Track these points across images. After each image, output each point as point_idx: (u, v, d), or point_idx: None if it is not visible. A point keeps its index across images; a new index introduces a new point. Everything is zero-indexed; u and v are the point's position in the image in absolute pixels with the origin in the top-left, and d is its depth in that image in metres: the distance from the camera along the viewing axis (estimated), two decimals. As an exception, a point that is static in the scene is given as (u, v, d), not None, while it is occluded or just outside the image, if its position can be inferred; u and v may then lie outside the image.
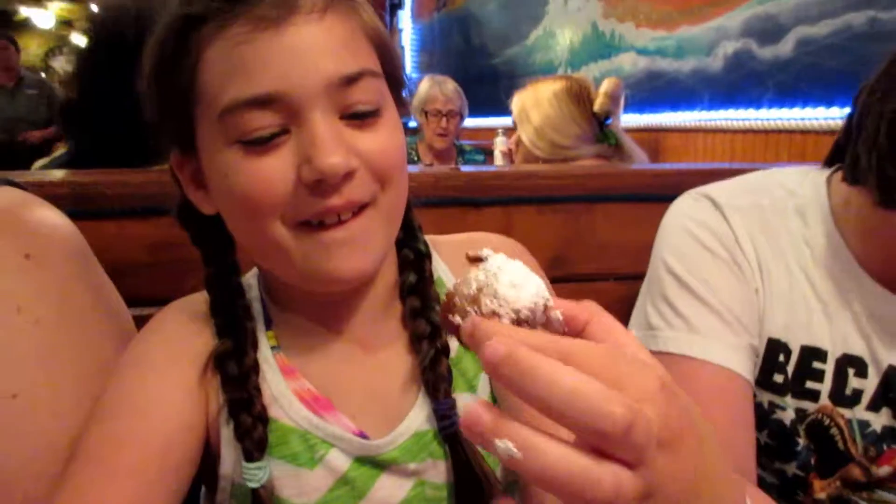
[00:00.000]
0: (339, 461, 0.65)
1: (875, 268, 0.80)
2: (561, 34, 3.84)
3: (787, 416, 0.83)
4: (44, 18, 11.86)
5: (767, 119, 2.31)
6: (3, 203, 0.68)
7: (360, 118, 0.59)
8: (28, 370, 0.62)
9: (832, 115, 2.03)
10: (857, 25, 1.90)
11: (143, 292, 0.88)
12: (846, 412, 0.81)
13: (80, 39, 1.33)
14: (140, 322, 0.73)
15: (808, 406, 0.82)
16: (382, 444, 0.66)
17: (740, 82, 2.45)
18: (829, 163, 0.87)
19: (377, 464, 0.66)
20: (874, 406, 0.80)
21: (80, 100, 1.27)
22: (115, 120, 1.20)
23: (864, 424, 0.81)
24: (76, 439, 0.61)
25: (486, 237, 0.79)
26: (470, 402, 0.39)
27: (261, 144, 0.57)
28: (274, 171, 0.57)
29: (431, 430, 0.68)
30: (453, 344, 0.70)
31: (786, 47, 2.20)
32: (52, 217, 0.71)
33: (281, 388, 0.66)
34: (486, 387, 0.72)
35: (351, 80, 0.58)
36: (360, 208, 0.60)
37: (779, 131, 2.27)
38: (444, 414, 0.66)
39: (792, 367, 0.82)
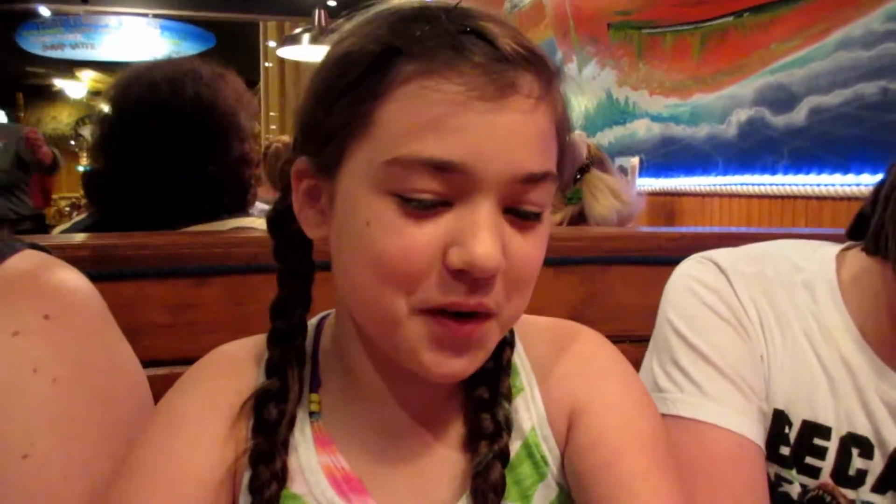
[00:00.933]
0: None
1: (884, 349, 0.78)
2: (576, 101, 3.91)
3: (794, 489, 0.80)
4: (75, 89, 12.29)
5: (783, 184, 2.32)
6: (26, 266, 0.69)
7: (522, 218, 0.55)
8: (42, 431, 0.62)
9: (848, 182, 2.03)
10: (868, 95, 1.92)
11: (161, 353, 0.88)
12: (850, 493, 0.78)
13: (105, 108, 1.36)
14: (155, 382, 0.73)
15: (809, 482, 0.80)
16: None
17: (755, 149, 2.47)
18: (852, 233, 0.85)
19: None
20: (880, 488, 0.77)
21: (105, 167, 1.31)
22: (139, 187, 1.24)
23: None
24: (85, 501, 0.60)
25: (575, 328, 0.71)
26: None
27: (418, 208, 0.52)
28: (422, 240, 0.52)
29: None
30: (514, 446, 0.63)
31: (799, 115, 2.23)
32: (72, 279, 0.72)
33: (312, 462, 0.61)
34: (542, 500, 0.63)
35: (533, 180, 0.54)
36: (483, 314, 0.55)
37: (795, 197, 2.27)
38: None
39: (792, 441, 0.80)
